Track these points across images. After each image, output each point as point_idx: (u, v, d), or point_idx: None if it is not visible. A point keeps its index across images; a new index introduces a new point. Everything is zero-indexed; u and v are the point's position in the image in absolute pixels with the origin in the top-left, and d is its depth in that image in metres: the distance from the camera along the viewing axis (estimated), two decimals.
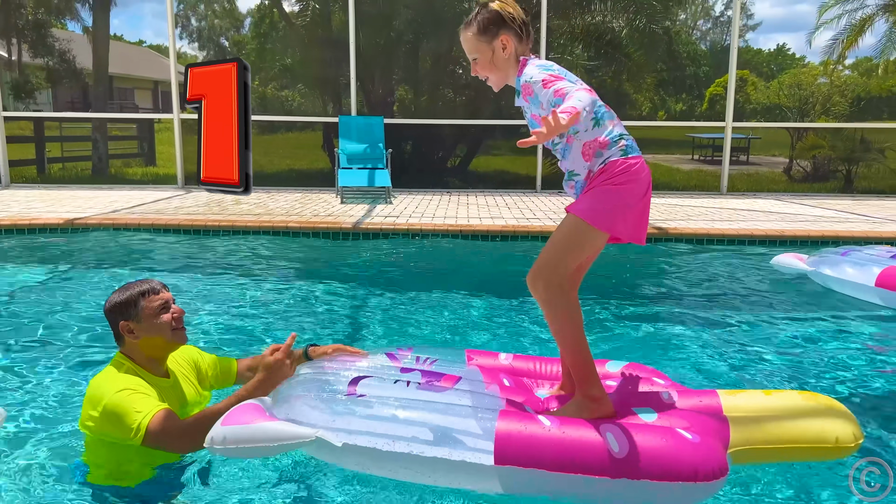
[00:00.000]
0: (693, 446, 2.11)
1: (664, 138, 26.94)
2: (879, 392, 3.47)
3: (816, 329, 4.52)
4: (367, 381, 2.41)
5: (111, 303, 2.49)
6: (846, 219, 8.16)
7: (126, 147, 18.37)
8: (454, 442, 2.13)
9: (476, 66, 2.50)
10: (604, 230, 2.34)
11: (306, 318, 4.58)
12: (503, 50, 2.43)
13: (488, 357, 2.93)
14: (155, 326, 2.46)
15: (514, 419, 2.19)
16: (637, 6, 13.14)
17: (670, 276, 6.08)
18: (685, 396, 2.49)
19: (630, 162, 2.34)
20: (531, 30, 2.49)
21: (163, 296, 2.51)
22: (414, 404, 2.25)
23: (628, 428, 2.16)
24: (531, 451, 2.10)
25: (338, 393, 2.34)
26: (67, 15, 17.38)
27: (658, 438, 2.12)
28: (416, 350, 2.89)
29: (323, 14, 14.62)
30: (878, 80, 22.46)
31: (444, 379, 2.50)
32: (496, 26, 2.42)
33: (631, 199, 2.35)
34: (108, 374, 2.43)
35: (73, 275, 5.52)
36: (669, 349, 4.04)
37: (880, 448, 2.81)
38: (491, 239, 7.04)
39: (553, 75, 2.31)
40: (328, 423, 2.21)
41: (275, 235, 7.08)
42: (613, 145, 2.35)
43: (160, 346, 2.50)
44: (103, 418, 2.31)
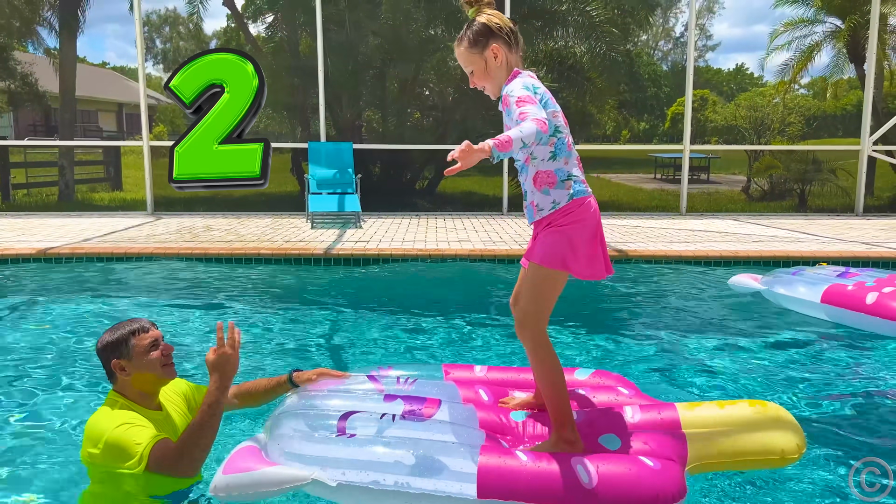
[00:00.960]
0: (654, 473, 2.35)
1: (627, 157, 27.56)
2: (823, 401, 3.75)
3: (767, 343, 4.83)
4: (355, 418, 2.57)
5: (103, 342, 2.62)
6: (798, 239, 8.54)
7: (92, 172, 18.29)
8: (441, 478, 2.33)
9: (473, 78, 2.69)
10: (560, 269, 2.56)
11: (282, 344, 4.73)
12: (495, 59, 2.60)
13: (465, 370, 3.20)
14: (145, 363, 2.59)
15: (495, 454, 2.40)
16: (597, 34, 13.55)
17: (629, 296, 6.34)
18: (646, 411, 2.72)
19: (574, 206, 2.55)
20: (520, 37, 2.67)
21: (152, 333, 2.64)
22: (401, 443, 2.43)
23: (596, 460, 2.39)
24: (510, 484, 2.31)
25: (329, 431, 2.51)
26: (30, 38, 17.30)
27: (622, 467, 2.36)
28: (395, 368, 3.12)
29: (291, 40, 14.83)
30: (830, 100, 23.29)
31: (426, 404, 2.70)
32: (486, 37, 2.59)
33: (577, 240, 2.55)
34: (105, 412, 2.56)
35: (49, 307, 5.59)
36: (629, 365, 4.30)
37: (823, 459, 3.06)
38: (460, 261, 7.25)
39: (529, 96, 2.47)
40: (322, 463, 2.39)
41: (247, 262, 7.21)
42: (560, 186, 2.55)
43: (151, 381, 2.63)
44: (106, 453, 2.44)
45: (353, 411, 2.62)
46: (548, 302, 2.60)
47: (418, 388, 2.88)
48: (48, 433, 3.22)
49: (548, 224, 2.58)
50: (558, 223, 2.55)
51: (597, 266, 2.61)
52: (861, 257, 7.17)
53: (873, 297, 4.79)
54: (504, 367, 3.29)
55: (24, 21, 15.96)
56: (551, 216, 2.57)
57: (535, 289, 2.59)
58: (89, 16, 15.59)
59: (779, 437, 2.59)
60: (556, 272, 2.56)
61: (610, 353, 4.57)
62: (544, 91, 2.56)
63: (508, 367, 3.31)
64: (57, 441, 3.13)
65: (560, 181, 2.55)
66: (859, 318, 4.85)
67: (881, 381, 4.09)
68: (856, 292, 4.94)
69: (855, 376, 4.18)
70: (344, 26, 13.26)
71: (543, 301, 2.59)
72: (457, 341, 4.79)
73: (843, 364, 4.41)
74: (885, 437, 3.37)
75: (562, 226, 2.54)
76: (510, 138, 2.23)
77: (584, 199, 2.57)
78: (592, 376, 3.12)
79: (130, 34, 74.25)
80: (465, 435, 2.52)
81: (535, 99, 2.46)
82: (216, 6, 22.19)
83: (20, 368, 4.11)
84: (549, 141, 2.54)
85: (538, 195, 2.58)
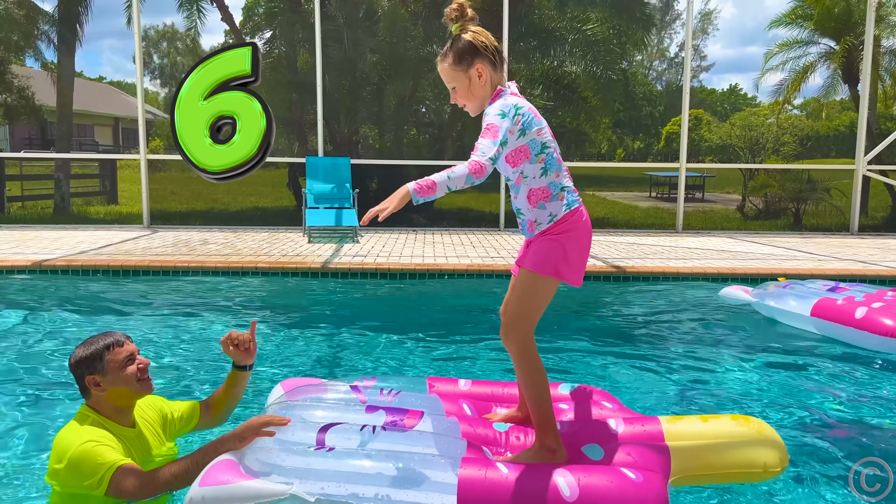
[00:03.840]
0: (636, 486, 2.32)
1: (622, 176, 27.69)
2: (808, 414, 3.75)
3: (754, 358, 4.85)
4: (335, 430, 2.54)
5: (76, 357, 2.54)
6: (793, 256, 8.57)
7: (88, 185, 18.25)
8: (421, 490, 2.30)
9: (455, 95, 2.67)
10: (553, 277, 2.58)
11: (276, 358, 4.70)
12: (479, 78, 2.57)
13: (449, 384, 3.15)
14: (121, 378, 2.53)
15: (475, 466, 2.37)
16: (593, 53, 13.66)
17: (623, 312, 6.34)
18: (630, 424, 2.72)
19: (569, 216, 2.59)
20: (504, 57, 2.66)
21: (127, 348, 2.58)
22: (381, 455, 2.40)
23: (577, 472, 2.37)
24: (491, 497, 2.29)
25: (308, 444, 2.48)
26: (28, 51, 17.32)
27: (604, 480, 2.33)
28: (379, 380, 3.07)
29: (289, 56, 14.89)
30: (823, 121, 23.49)
31: (408, 416, 2.67)
32: (471, 55, 2.56)
33: (571, 247, 2.58)
34: (73, 427, 2.49)
35: (44, 319, 5.56)
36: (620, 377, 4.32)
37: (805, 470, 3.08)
38: (458, 277, 7.24)
39: (493, 126, 2.44)
40: (301, 477, 2.35)
41: (244, 276, 7.19)
42: (555, 198, 2.59)
43: (127, 396, 2.57)
44: (68, 470, 2.37)
45: (333, 423, 2.59)
46: (536, 309, 2.60)
47: (401, 400, 2.85)
48: (31, 447, 3.16)
49: (542, 233, 2.61)
50: (553, 232, 2.59)
51: (581, 273, 2.65)
52: (857, 275, 7.20)
53: (862, 311, 4.89)
54: (488, 382, 3.25)
55: (23, 35, 15.99)
56: (548, 228, 2.60)
57: (525, 295, 2.59)
58: (87, 31, 15.60)
59: (762, 450, 2.61)
60: (548, 279, 2.57)
61: (597, 369, 4.56)
62: (528, 109, 2.56)
63: (493, 381, 3.27)
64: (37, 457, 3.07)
65: (554, 194, 2.59)
66: (848, 332, 4.92)
67: (867, 396, 4.10)
68: (845, 307, 5.02)
69: (841, 390, 4.19)
70: (342, 43, 13.33)
71: (532, 308, 2.59)
72: (453, 356, 4.78)
73: (829, 378, 4.43)
74: (869, 451, 3.37)
75: (557, 234, 2.58)
76: (434, 183, 2.27)
77: (578, 208, 2.62)
78: (576, 391, 3.11)
79: (127, 49, 74.48)
80: (446, 446, 2.50)
81: (503, 129, 2.45)
82: (214, 22, 22.32)
83: (10, 380, 4.07)
84: (537, 158, 2.56)
85: (534, 211, 2.61)
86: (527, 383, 2.60)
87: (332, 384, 3.03)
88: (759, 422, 2.74)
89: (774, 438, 2.67)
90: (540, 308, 2.60)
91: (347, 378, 3.23)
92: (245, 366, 2.97)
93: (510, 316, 2.60)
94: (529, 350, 2.58)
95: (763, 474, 2.59)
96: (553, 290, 2.62)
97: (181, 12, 15.13)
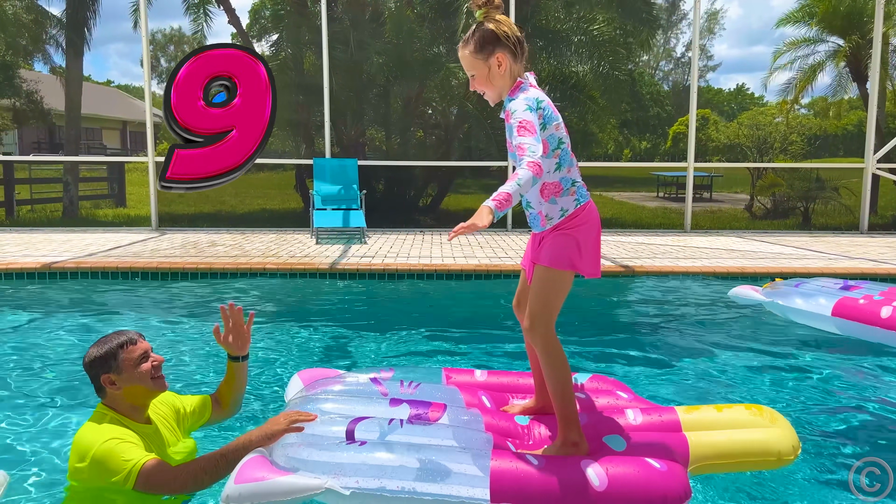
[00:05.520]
0: (661, 474, 2.37)
1: (630, 176, 27.63)
2: (819, 407, 3.74)
3: (767, 354, 4.83)
4: (364, 424, 2.56)
5: (90, 357, 2.55)
6: (803, 255, 8.52)
7: (95, 188, 18.33)
8: (454, 483, 2.31)
9: (474, 82, 2.66)
10: (568, 270, 2.61)
11: (285, 358, 4.70)
12: (499, 67, 2.57)
13: (465, 374, 3.20)
14: (135, 376, 2.53)
15: (506, 459, 2.39)
16: (600, 53, 13.63)
17: (635, 310, 6.31)
18: (647, 414, 2.77)
19: (580, 211, 2.62)
20: (525, 46, 2.65)
21: (141, 346, 2.59)
22: (413, 448, 2.41)
23: (605, 462, 2.41)
24: (522, 488, 2.31)
25: (338, 438, 2.49)
26: (37, 55, 17.41)
27: (630, 469, 2.37)
28: (397, 371, 3.11)
29: (295, 58, 14.91)
30: (831, 120, 23.38)
31: (431, 408, 2.70)
32: (492, 44, 2.56)
33: (583, 240, 2.62)
34: (92, 427, 2.49)
35: (53, 321, 5.57)
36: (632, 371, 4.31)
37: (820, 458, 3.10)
38: (465, 278, 7.23)
39: (529, 122, 2.44)
40: (334, 471, 2.35)
41: (252, 277, 7.19)
42: (566, 193, 2.61)
43: (142, 394, 2.58)
44: (92, 468, 2.37)
45: (361, 417, 2.61)
46: (556, 303, 2.63)
47: (421, 392, 2.88)
48: (43, 450, 3.15)
49: (554, 228, 2.63)
50: (565, 227, 2.62)
51: (598, 265, 2.68)
52: (868, 274, 7.15)
53: (888, 310, 4.80)
54: (503, 372, 3.30)
55: (32, 39, 16.07)
56: (560, 222, 2.62)
57: (543, 290, 2.62)
58: (94, 35, 15.61)
59: (775, 438, 2.65)
60: (564, 273, 2.61)
61: (613, 363, 4.58)
62: (548, 103, 2.58)
63: (507, 371, 3.32)
64: (53, 458, 3.07)
65: (566, 189, 2.62)
66: (873, 332, 4.84)
67: (882, 393, 4.07)
68: (868, 306, 4.94)
69: (856, 387, 4.17)
70: (348, 45, 13.34)
71: (552, 302, 2.62)
72: (463, 354, 4.76)
73: (843, 375, 4.41)
74: (882, 446, 3.36)
75: (569, 229, 2.61)
76: (509, 195, 2.26)
77: (588, 203, 2.65)
78: (590, 381, 3.16)
79: (135, 53, 74.79)
80: (474, 439, 2.52)
81: (537, 123, 2.46)
82: (221, 25, 22.38)
83: (21, 381, 4.08)
84: (553, 154, 2.59)
85: (546, 205, 2.63)
86: (552, 377, 2.61)
87: (351, 376, 3.05)
88: (771, 411, 2.79)
89: (787, 427, 2.71)
90: (559, 301, 2.64)
91: (365, 370, 3.25)
92: (239, 357, 3.00)
93: (532, 313, 2.63)
94: (555, 344, 2.61)
95: (777, 462, 2.62)
96: (570, 283, 2.65)
97: (188, 16, 15.17)
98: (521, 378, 3.19)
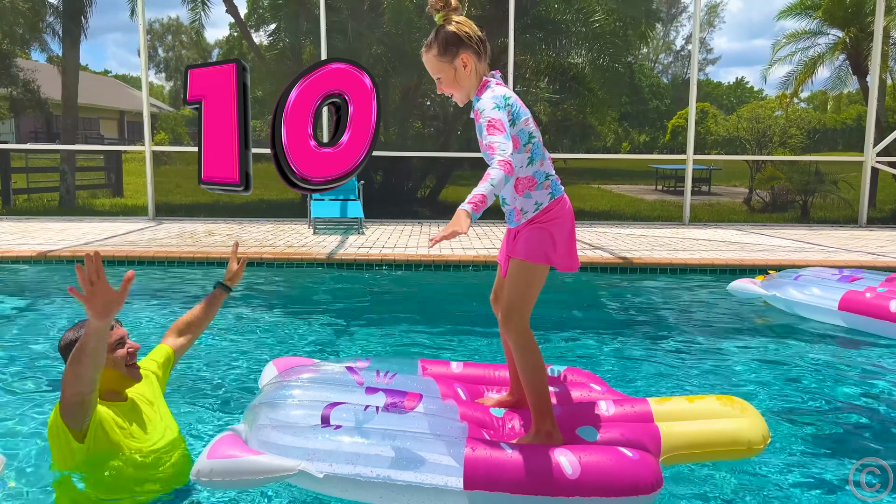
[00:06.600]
0: (633, 463, 2.39)
1: (628, 169, 27.58)
2: (805, 401, 3.72)
3: (763, 347, 4.84)
4: (340, 409, 2.55)
5: (66, 340, 2.54)
6: (802, 248, 8.51)
7: (92, 178, 18.26)
8: (428, 470, 2.33)
9: (441, 85, 2.66)
10: (543, 263, 2.62)
11: (281, 346, 4.68)
12: (465, 68, 2.58)
13: (441, 366, 3.19)
14: (110, 360, 2.51)
15: (480, 447, 2.40)
16: (600, 45, 13.57)
17: (632, 302, 6.29)
18: (620, 405, 2.80)
19: (554, 204, 2.62)
20: (488, 46, 2.66)
21: (117, 332, 2.57)
22: (388, 435, 2.42)
23: (578, 451, 2.42)
24: (496, 476, 2.33)
25: (313, 422, 2.48)
26: (34, 45, 17.32)
27: (603, 458, 2.39)
28: (373, 361, 3.09)
29: (293, 48, 14.84)
30: (831, 114, 23.34)
31: (407, 398, 2.68)
32: (456, 46, 2.56)
33: (558, 234, 2.62)
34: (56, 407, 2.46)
35: (49, 308, 5.54)
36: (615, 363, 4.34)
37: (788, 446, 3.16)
38: (463, 269, 7.20)
39: (498, 121, 2.44)
40: (308, 455, 2.36)
41: (249, 267, 7.16)
42: (540, 187, 2.62)
43: (116, 379, 2.56)
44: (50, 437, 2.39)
45: (337, 402, 2.60)
46: (531, 296, 2.64)
47: (397, 383, 2.87)
48: (37, 435, 3.13)
49: (529, 222, 2.64)
50: (540, 220, 2.63)
51: (573, 258, 2.70)
52: (867, 266, 7.12)
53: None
54: (479, 364, 3.30)
55: (29, 27, 15.97)
56: (534, 216, 2.63)
57: (519, 283, 2.63)
58: (91, 24, 15.55)
59: (745, 428, 2.68)
60: (539, 266, 2.62)
61: (594, 356, 4.57)
62: (515, 99, 2.59)
63: (483, 363, 3.32)
64: None
65: (539, 183, 2.62)
66: (883, 326, 4.81)
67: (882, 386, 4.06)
68: (875, 300, 4.90)
69: (852, 382, 4.17)
70: (347, 35, 13.28)
71: (527, 295, 2.63)
72: (455, 345, 4.75)
73: (835, 369, 4.42)
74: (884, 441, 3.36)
75: (543, 223, 2.62)
76: (484, 196, 2.25)
77: (562, 196, 2.66)
78: (564, 373, 3.17)
79: (132, 43, 74.48)
80: (449, 428, 2.53)
81: (506, 120, 2.46)
82: (219, 15, 22.25)
83: (16, 367, 4.05)
84: (525, 149, 2.59)
85: (520, 200, 2.64)
86: (525, 369, 2.62)
87: (327, 365, 3.05)
88: (741, 401, 2.82)
89: (757, 417, 2.74)
90: (534, 295, 2.66)
91: (341, 359, 3.24)
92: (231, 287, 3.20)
93: (508, 306, 2.65)
94: (528, 337, 2.63)
95: (747, 451, 2.65)
96: (544, 277, 2.67)
97: (185, 5, 15.12)
98: (496, 370, 3.19)
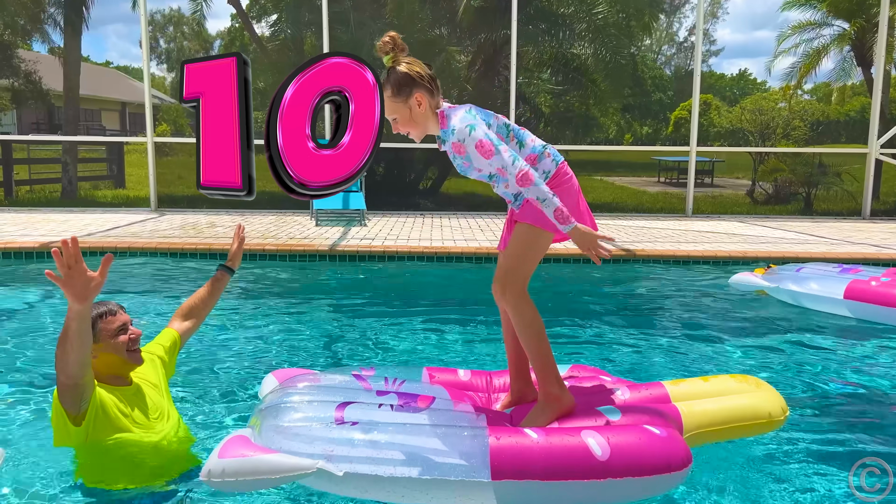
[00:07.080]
0: (662, 440, 2.33)
1: (631, 161, 27.49)
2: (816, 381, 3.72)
3: (767, 336, 4.86)
4: (353, 407, 2.46)
5: None
6: (805, 240, 8.48)
7: (95, 169, 18.26)
8: (453, 463, 2.23)
9: (397, 125, 2.65)
10: (549, 230, 2.60)
11: (285, 338, 4.67)
12: (419, 106, 2.58)
13: (448, 374, 3.06)
14: (111, 346, 2.54)
15: (505, 435, 2.32)
16: (603, 37, 13.51)
17: (634, 294, 6.28)
18: (635, 390, 2.77)
19: (560, 171, 2.63)
20: (439, 83, 2.66)
21: (120, 318, 2.60)
22: (407, 429, 2.33)
23: (605, 432, 2.35)
24: (523, 463, 2.24)
25: (327, 421, 2.37)
26: (36, 36, 17.27)
27: (632, 437, 2.33)
28: (379, 370, 2.95)
29: (295, 39, 14.79)
30: (834, 105, 23.24)
31: (419, 399, 2.59)
32: (409, 86, 2.56)
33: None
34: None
35: (51, 299, 5.54)
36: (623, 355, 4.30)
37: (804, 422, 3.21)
38: (466, 260, 7.19)
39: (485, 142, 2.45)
40: (327, 452, 2.25)
41: (251, 259, 7.15)
42: (542, 158, 2.62)
43: (118, 364, 2.58)
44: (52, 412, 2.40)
45: (349, 401, 2.51)
46: (532, 262, 2.64)
47: (408, 388, 2.76)
48: (39, 425, 3.12)
49: None
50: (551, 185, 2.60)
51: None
52: (871, 259, 7.12)
53: None
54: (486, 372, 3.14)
55: (30, 18, 15.93)
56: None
57: (520, 246, 2.63)
58: (93, 15, 15.47)
59: (764, 401, 2.67)
60: (544, 233, 2.61)
61: (602, 348, 4.56)
62: (474, 109, 2.60)
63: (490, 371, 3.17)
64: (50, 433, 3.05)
65: (541, 154, 2.63)
66: (889, 313, 4.81)
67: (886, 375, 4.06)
68: (881, 288, 4.91)
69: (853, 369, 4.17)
70: (349, 25, 13.23)
71: (528, 259, 2.63)
72: (460, 338, 4.73)
73: (842, 357, 4.42)
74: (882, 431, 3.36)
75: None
76: (558, 207, 2.43)
77: (563, 163, 2.66)
78: (571, 370, 3.10)
79: (133, 34, 74.24)
80: (468, 419, 2.46)
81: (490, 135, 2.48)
82: (220, 6, 22.20)
83: (19, 358, 4.05)
84: (509, 139, 2.62)
85: None
86: (526, 334, 2.61)
87: (330, 375, 2.89)
88: (755, 378, 2.83)
89: (772, 391, 2.74)
90: (535, 261, 2.65)
91: (345, 368, 3.12)
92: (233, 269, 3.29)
93: (507, 269, 2.62)
94: (526, 300, 2.60)
95: (768, 424, 2.64)
96: (547, 244, 2.66)
97: None
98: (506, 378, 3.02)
